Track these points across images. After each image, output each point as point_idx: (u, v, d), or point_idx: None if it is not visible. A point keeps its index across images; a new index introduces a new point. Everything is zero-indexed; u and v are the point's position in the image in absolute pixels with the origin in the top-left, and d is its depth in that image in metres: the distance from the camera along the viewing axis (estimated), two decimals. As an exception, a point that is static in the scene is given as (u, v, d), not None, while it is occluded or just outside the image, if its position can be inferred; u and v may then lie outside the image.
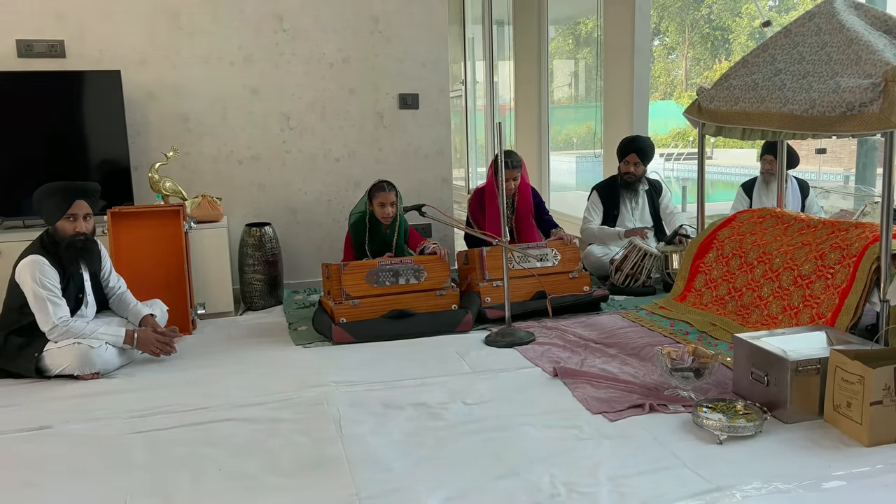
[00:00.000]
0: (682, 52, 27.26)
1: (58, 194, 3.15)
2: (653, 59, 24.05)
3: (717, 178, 15.02)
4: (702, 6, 26.08)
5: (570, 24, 10.87)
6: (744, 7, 25.14)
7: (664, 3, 24.38)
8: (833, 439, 2.36)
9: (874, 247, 2.98)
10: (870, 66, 2.90)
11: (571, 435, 2.45)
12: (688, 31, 26.77)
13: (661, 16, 25.07)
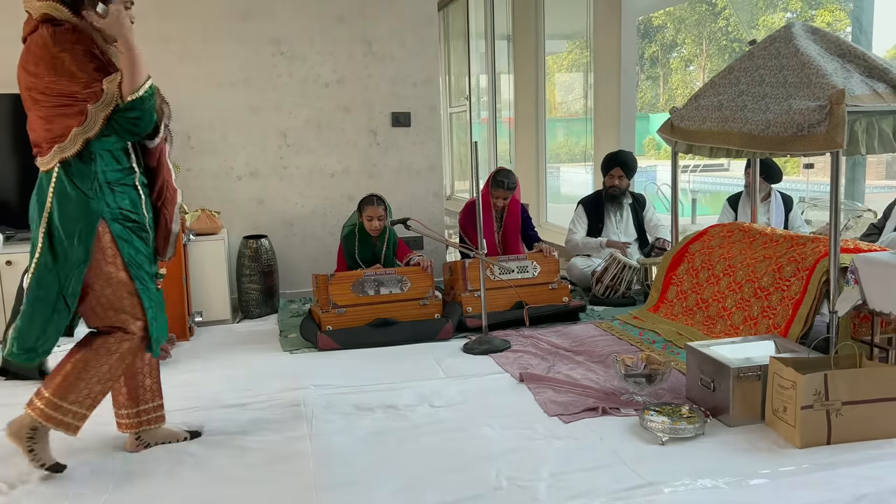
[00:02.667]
0: (700, 64, 27.34)
1: None
2: (670, 71, 24.14)
3: (733, 189, 15.09)
4: (719, 18, 26.20)
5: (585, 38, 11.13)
6: (760, 19, 25.26)
7: (681, 16, 24.53)
8: (769, 441, 2.51)
9: (825, 260, 3.13)
10: (818, 90, 3.06)
11: (525, 435, 2.63)
12: (705, 44, 26.86)
13: (679, 28, 25.20)
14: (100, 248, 2.28)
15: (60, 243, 2.24)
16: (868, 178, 9.27)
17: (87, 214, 2.26)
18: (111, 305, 2.33)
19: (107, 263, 2.30)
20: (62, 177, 2.24)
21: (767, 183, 4.79)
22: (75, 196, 2.25)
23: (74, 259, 2.25)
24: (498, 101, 8.65)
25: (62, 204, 2.24)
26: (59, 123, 2.23)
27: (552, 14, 7.12)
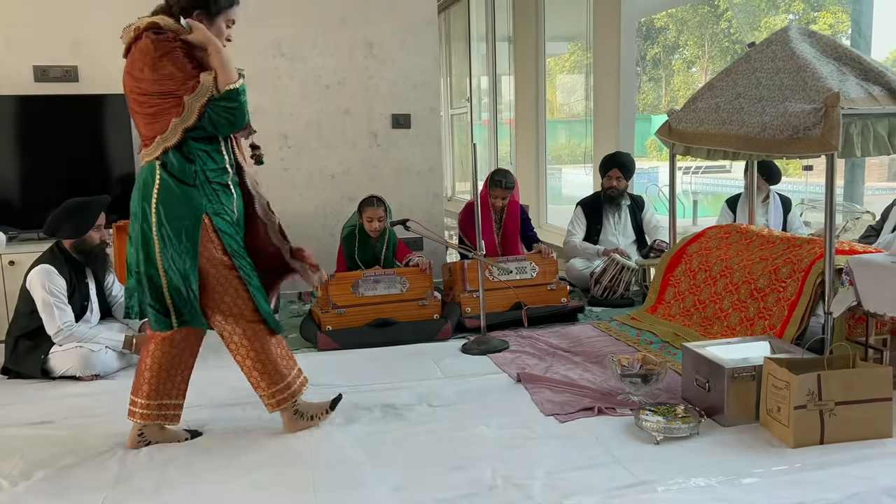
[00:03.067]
0: (702, 65, 27.35)
1: (91, 207, 3.45)
2: (672, 72, 24.16)
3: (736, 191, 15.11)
4: (721, 20, 26.22)
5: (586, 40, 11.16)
6: (763, 21, 25.27)
7: (683, 18, 24.58)
8: (763, 441, 2.53)
9: (820, 262, 3.15)
10: (814, 92, 3.08)
11: (521, 434, 2.65)
12: (707, 45, 26.88)
13: (681, 30, 25.24)
14: (207, 239, 2.48)
15: (171, 240, 2.44)
16: (869, 179, 9.29)
17: (192, 211, 2.45)
18: (227, 294, 2.53)
19: (215, 250, 2.49)
20: (165, 175, 2.43)
21: (767, 184, 4.81)
22: (179, 194, 2.44)
23: (186, 254, 2.44)
24: (499, 103, 8.69)
25: (167, 204, 2.43)
26: (162, 119, 2.42)
27: (553, 16, 7.15)
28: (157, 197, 2.43)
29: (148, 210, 2.43)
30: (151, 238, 2.44)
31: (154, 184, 2.43)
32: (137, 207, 2.47)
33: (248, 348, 2.59)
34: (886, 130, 3.05)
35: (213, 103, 2.43)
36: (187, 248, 2.45)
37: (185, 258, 2.45)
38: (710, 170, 14.02)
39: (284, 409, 2.66)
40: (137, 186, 2.49)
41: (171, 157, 2.44)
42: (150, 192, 2.44)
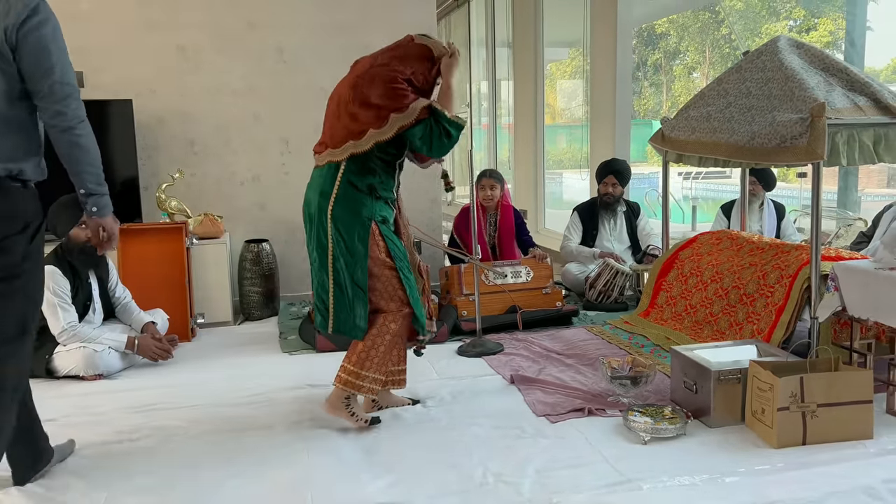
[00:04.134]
0: (703, 71, 27.43)
1: (69, 205, 3.50)
2: (673, 78, 24.23)
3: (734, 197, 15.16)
4: (722, 26, 26.30)
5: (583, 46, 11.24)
6: (763, 27, 25.36)
7: (684, 24, 24.67)
8: (747, 442, 2.61)
9: (806, 268, 3.23)
10: (801, 102, 3.16)
11: (513, 434, 2.73)
12: (708, 51, 26.95)
13: (682, 36, 25.32)
14: (374, 244, 2.69)
15: (344, 240, 2.65)
16: (869, 186, 9.36)
17: (364, 217, 2.67)
18: (385, 292, 2.74)
19: (381, 255, 2.71)
20: (345, 181, 2.65)
21: (763, 191, 4.89)
22: (356, 200, 2.66)
23: (358, 253, 2.67)
24: (498, 108, 8.77)
25: (345, 207, 2.65)
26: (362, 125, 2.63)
27: (553, 22, 7.24)
28: (334, 199, 2.64)
29: (325, 212, 2.66)
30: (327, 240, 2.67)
31: (334, 187, 2.65)
32: (314, 208, 2.69)
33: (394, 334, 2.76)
34: (871, 140, 3.13)
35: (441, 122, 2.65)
36: (358, 249, 2.66)
37: (355, 258, 2.66)
38: (710, 175, 14.10)
39: (345, 391, 2.75)
40: (316, 186, 2.70)
41: (353, 164, 2.65)
42: (329, 193, 2.65)
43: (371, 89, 2.64)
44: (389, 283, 2.74)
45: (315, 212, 2.70)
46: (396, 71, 2.67)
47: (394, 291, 2.75)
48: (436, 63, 2.74)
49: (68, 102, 2.11)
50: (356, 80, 2.69)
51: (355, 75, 2.74)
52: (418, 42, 2.75)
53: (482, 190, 4.74)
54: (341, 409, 2.77)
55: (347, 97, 2.69)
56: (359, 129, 2.63)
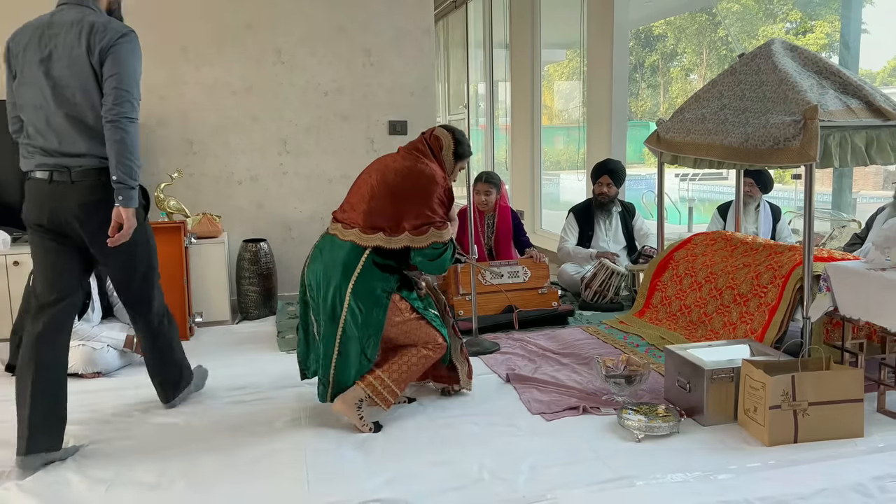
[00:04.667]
0: (700, 73, 27.48)
1: None
2: (671, 79, 24.26)
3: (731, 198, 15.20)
4: (719, 28, 26.35)
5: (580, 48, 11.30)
6: (760, 29, 25.43)
7: (681, 25, 24.73)
8: (739, 440, 2.64)
9: (799, 269, 3.26)
10: (794, 105, 3.20)
11: (508, 432, 2.76)
12: (705, 53, 27.00)
13: (679, 38, 25.38)
14: (396, 311, 2.82)
15: (362, 314, 2.74)
16: (864, 188, 9.38)
17: (386, 292, 2.78)
18: (416, 336, 2.87)
19: (401, 316, 2.84)
20: (370, 262, 2.75)
21: (760, 192, 4.92)
22: (378, 278, 2.76)
23: (374, 325, 2.77)
24: (496, 109, 8.81)
25: (367, 284, 2.75)
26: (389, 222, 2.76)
27: (550, 23, 7.27)
28: (357, 276, 2.73)
29: (345, 287, 2.73)
30: (342, 312, 2.73)
31: (357, 266, 2.74)
32: (332, 281, 2.74)
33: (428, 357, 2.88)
34: (864, 142, 3.17)
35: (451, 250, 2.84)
36: (376, 321, 2.76)
37: (369, 331, 2.76)
38: (707, 176, 14.13)
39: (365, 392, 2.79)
40: (338, 262, 2.75)
41: (381, 253, 2.77)
42: (351, 271, 2.74)
43: (414, 195, 2.76)
44: (423, 330, 2.87)
45: (330, 284, 2.75)
46: (437, 179, 2.81)
47: (429, 334, 2.87)
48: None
49: (121, 103, 2.49)
50: (398, 179, 2.78)
51: (396, 171, 2.81)
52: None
53: (478, 195, 4.76)
54: (352, 409, 2.78)
55: (382, 191, 2.78)
56: (395, 228, 2.76)
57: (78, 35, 2.50)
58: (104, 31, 2.51)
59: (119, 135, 2.47)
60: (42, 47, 2.54)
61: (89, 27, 2.50)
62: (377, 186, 2.79)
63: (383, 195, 2.77)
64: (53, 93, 2.53)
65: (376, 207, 2.77)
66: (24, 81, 2.58)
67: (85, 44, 2.49)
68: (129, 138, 2.49)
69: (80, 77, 2.51)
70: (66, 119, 2.54)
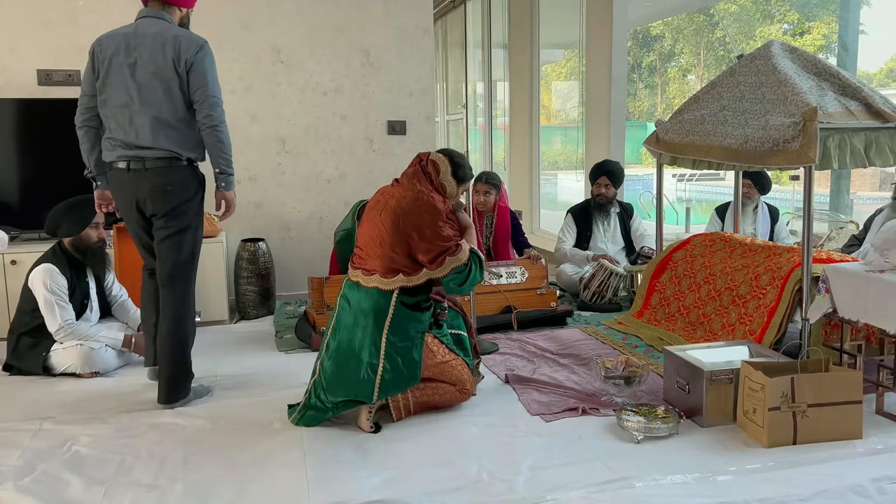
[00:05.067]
0: (698, 73, 27.52)
1: (85, 205, 3.54)
2: (668, 80, 24.28)
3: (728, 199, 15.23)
4: (716, 29, 26.40)
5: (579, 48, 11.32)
6: (758, 30, 25.49)
7: (679, 26, 24.76)
8: (738, 441, 2.64)
9: (798, 270, 3.26)
10: (793, 107, 3.20)
11: (507, 433, 2.76)
12: (703, 54, 27.05)
13: (676, 38, 25.42)
14: (429, 353, 2.88)
15: (401, 358, 2.78)
16: (862, 189, 9.39)
17: (420, 332, 2.84)
18: (451, 376, 2.93)
19: (435, 359, 2.89)
20: (399, 305, 2.79)
21: (758, 193, 4.93)
22: (410, 319, 2.81)
23: (415, 364, 2.81)
24: (494, 109, 8.80)
25: (401, 328, 2.79)
26: (405, 261, 2.80)
27: (548, 23, 7.27)
28: (390, 323, 2.77)
29: (379, 336, 2.76)
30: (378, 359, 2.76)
31: (389, 312, 2.78)
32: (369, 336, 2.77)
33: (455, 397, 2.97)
34: (863, 144, 3.17)
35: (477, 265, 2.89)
36: (413, 362, 2.80)
37: (407, 375, 2.80)
38: (704, 177, 14.11)
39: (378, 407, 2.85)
40: (368, 310, 2.78)
41: (407, 292, 2.80)
42: (384, 318, 2.78)
43: (421, 231, 2.78)
44: (457, 371, 2.93)
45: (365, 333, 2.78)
46: (438, 207, 2.82)
47: (461, 376, 2.94)
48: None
49: (213, 109, 3.00)
50: (398, 218, 2.78)
51: (401, 212, 2.80)
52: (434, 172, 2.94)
53: (477, 195, 4.76)
54: (365, 408, 2.80)
55: (392, 234, 2.78)
56: (412, 267, 2.80)
57: (162, 46, 2.95)
58: (187, 43, 2.97)
59: (217, 136, 3.03)
60: (128, 54, 2.97)
61: (173, 40, 2.96)
62: (386, 231, 2.80)
63: (394, 240, 2.79)
64: (139, 95, 2.97)
65: (389, 251, 2.79)
66: (110, 83, 3.00)
67: (171, 54, 2.95)
68: (224, 137, 3.07)
69: (164, 82, 2.96)
70: (148, 118, 2.97)
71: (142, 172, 3.01)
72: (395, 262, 2.79)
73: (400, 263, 2.79)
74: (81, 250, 3.59)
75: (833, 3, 18.03)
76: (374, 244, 2.83)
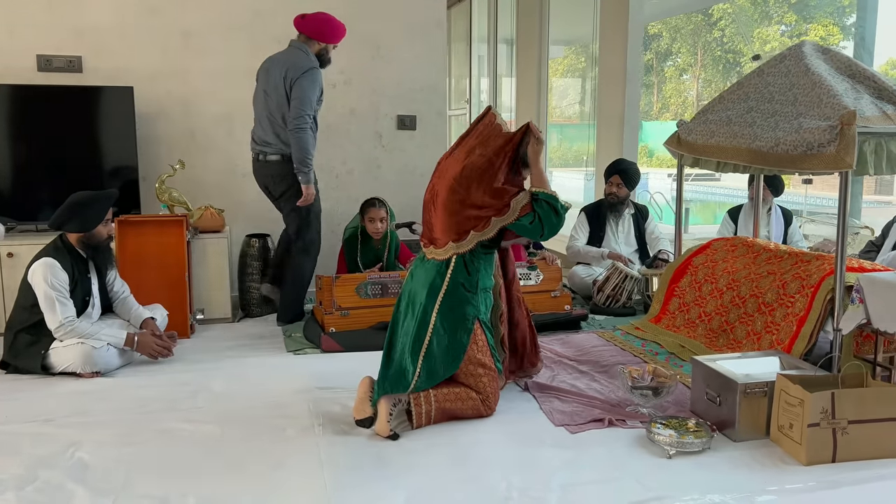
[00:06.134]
0: (694, 73, 27.47)
1: (100, 201, 3.41)
2: (665, 79, 24.24)
3: (724, 199, 15.16)
4: (714, 29, 26.33)
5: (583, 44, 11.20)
6: (756, 31, 25.45)
7: (677, 25, 24.67)
8: (775, 458, 2.53)
9: (830, 278, 3.16)
10: (829, 109, 3.09)
11: (532, 444, 2.64)
12: (700, 53, 26.99)
13: (674, 37, 25.34)
14: (474, 341, 2.79)
15: (445, 333, 2.74)
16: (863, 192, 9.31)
17: (470, 313, 2.77)
18: (477, 382, 2.82)
19: (478, 351, 2.81)
20: (452, 281, 2.75)
21: (772, 196, 4.82)
22: (463, 299, 2.76)
23: (460, 346, 2.75)
24: (499, 105, 8.67)
25: (453, 305, 2.75)
26: (463, 226, 2.73)
27: (556, 19, 7.14)
28: (441, 300, 2.73)
29: (430, 308, 2.73)
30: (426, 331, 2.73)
31: (442, 286, 2.75)
32: (420, 308, 2.75)
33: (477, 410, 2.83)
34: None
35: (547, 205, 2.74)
36: (460, 344, 2.75)
37: (451, 356, 2.75)
38: (700, 177, 14.03)
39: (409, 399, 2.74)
40: (424, 282, 2.78)
41: (459, 263, 2.76)
42: (437, 294, 2.75)
43: (470, 190, 2.72)
44: (485, 380, 2.81)
45: (416, 304, 2.77)
46: (493, 165, 2.73)
47: (488, 388, 2.82)
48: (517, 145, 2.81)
49: (297, 118, 3.92)
50: (454, 182, 2.74)
51: (452, 176, 2.77)
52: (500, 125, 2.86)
53: None
54: (386, 406, 2.68)
55: (445, 198, 2.75)
56: (460, 230, 2.74)
57: (282, 70, 3.95)
58: (295, 69, 3.92)
59: (296, 137, 3.93)
60: (265, 74, 4.05)
61: (289, 65, 3.94)
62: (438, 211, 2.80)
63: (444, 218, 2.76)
64: (266, 105, 4.04)
65: (442, 218, 2.77)
66: (256, 94, 4.14)
67: (282, 77, 3.94)
68: (301, 141, 3.93)
69: (278, 98, 3.97)
70: (270, 122, 4.04)
71: (263, 164, 4.11)
72: (447, 228, 2.74)
73: (452, 230, 2.74)
74: (91, 247, 3.45)
75: (831, 6, 18.05)
76: (430, 214, 2.83)
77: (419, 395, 2.75)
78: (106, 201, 3.44)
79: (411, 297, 2.84)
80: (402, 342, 2.80)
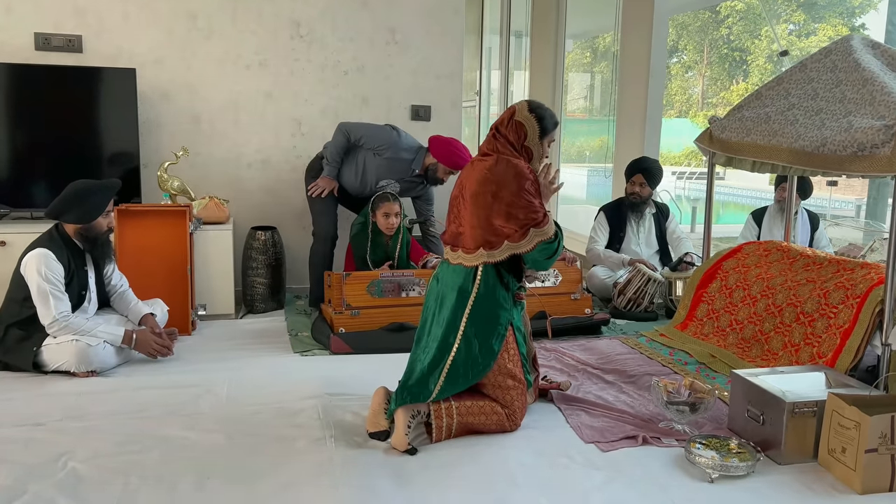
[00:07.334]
0: (700, 70, 27.16)
1: (102, 192, 3.22)
2: (670, 76, 24.00)
3: (727, 199, 14.97)
4: (721, 26, 25.98)
5: (589, 38, 10.93)
6: (763, 30, 25.13)
7: (683, 22, 24.36)
8: (825, 484, 2.34)
9: (878, 289, 2.96)
10: (883, 108, 2.88)
11: (562, 464, 2.44)
12: (706, 51, 26.67)
13: (680, 34, 25.03)
14: (506, 349, 2.63)
15: (475, 339, 2.55)
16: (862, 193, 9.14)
17: (502, 320, 2.60)
18: (503, 395, 2.64)
19: (508, 360, 2.64)
20: (482, 287, 2.57)
21: (800, 199, 4.62)
22: (495, 303, 2.58)
23: (488, 353, 2.57)
24: (510, 98, 8.45)
25: (481, 311, 2.56)
26: (495, 234, 2.55)
27: (574, 11, 6.91)
28: (472, 304, 2.55)
29: (460, 315, 2.55)
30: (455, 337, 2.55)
31: (472, 292, 2.56)
32: (449, 311, 2.57)
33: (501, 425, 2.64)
34: (957, 153, 2.86)
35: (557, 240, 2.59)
36: (490, 351, 2.57)
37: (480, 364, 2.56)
38: (704, 175, 13.78)
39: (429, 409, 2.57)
40: (453, 286, 2.60)
41: (489, 270, 2.58)
42: (467, 298, 2.57)
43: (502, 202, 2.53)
44: (512, 393, 2.64)
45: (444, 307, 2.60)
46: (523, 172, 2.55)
47: (515, 403, 2.65)
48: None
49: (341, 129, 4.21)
50: (482, 187, 2.56)
51: (478, 179, 2.58)
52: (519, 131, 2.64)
53: None
54: (405, 417, 2.50)
55: (474, 203, 2.58)
56: (494, 240, 2.56)
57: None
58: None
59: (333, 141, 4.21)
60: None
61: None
62: (467, 203, 2.60)
63: (473, 211, 2.57)
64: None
65: (470, 224, 2.59)
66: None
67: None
68: (331, 142, 4.21)
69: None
70: None
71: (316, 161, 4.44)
72: (478, 235, 2.56)
73: (483, 238, 2.56)
74: (90, 240, 3.24)
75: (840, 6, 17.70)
76: (459, 218, 2.65)
77: (440, 406, 2.55)
78: (108, 192, 3.23)
79: (440, 299, 2.64)
80: (426, 349, 2.60)
